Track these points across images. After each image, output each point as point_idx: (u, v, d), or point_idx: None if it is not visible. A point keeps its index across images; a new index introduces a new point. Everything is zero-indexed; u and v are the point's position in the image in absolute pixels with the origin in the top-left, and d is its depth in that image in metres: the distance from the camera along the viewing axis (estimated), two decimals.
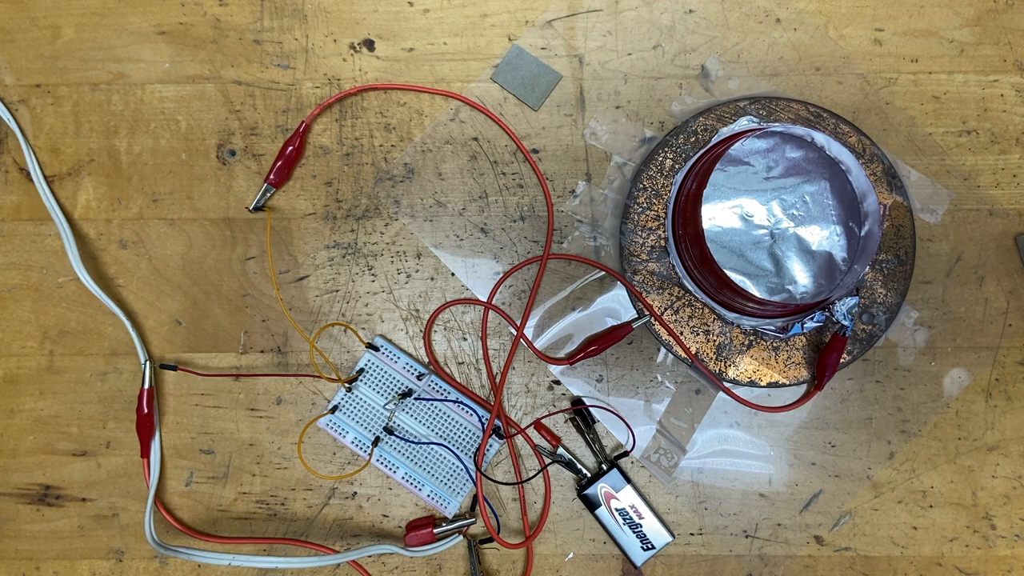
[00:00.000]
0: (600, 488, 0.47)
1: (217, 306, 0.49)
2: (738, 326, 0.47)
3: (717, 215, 0.48)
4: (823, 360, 0.46)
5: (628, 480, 0.47)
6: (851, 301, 0.45)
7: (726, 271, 0.46)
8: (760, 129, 0.45)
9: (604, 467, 0.47)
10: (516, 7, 0.49)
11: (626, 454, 0.48)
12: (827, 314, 0.46)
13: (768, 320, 0.47)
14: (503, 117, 0.49)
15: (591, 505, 0.47)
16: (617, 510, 0.47)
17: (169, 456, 0.49)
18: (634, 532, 0.46)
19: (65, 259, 0.48)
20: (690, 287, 0.48)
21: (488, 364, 0.48)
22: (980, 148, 0.49)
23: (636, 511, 0.47)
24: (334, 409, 0.48)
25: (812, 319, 0.47)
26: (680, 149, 0.48)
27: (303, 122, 0.48)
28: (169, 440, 0.49)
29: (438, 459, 0.48)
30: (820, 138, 0.45)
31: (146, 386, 0.48)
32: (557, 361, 0.48)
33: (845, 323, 0.45)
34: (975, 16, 0.49)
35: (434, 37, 0.50)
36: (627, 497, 0.47)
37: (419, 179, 0.49)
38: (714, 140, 0.48)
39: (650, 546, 0.46)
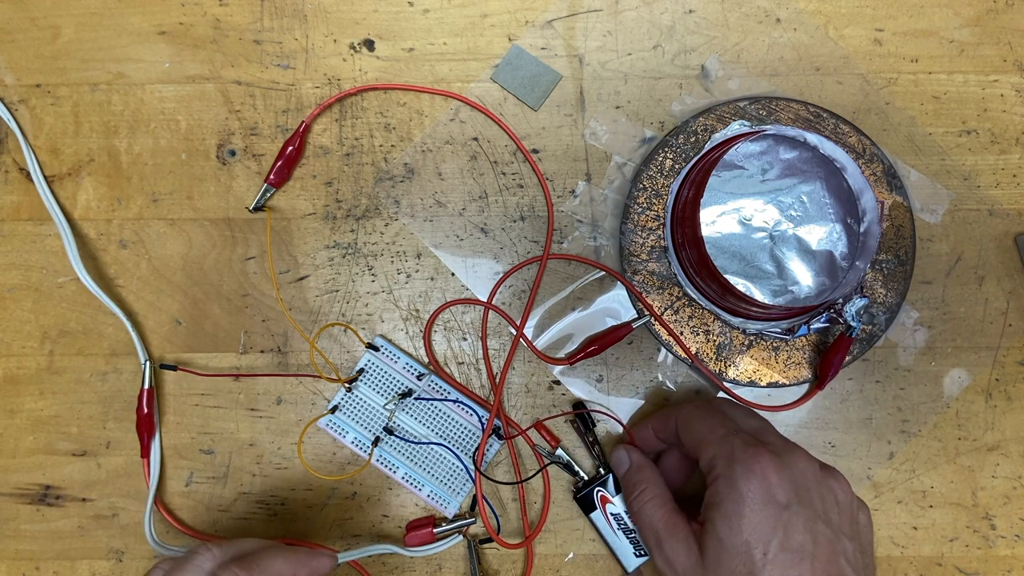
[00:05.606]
0: (596, 492, 0.47)
1: (217, 306, 0.49)
2: (743, 330, 0.47)
3: (715, 221, 0.48)
4: (827, 360, 0.46)
5: None
6: (860, 303, 0.45)
7: (728, 276, 0.46)
8: (754, 133, 0.45)
9: (602, 470, 0.47)
10: (516, 7, 0.49)
11: None
12: (833, 314, 0.46)
13: (773, 323, 0.47)
14: (503, 117, 0.49)
15: (587, 508, 0.47)
16: (612, 514, 0.46)
17: (169, 456, 0.49)
18: (628, 537, 0.46)
19: (65, 259, 0.48)
20: (692, 294, 0.48)
21: (488, 364, 0.48)
22: (980, 148, 0.49)
23: None
24: (334, 409, 0.48)
25: (818, 320, 0.47)
26: (680, 149, 0.48)
27: (303, 122, 0.48)
28: (169, 440, 0.49)
29: (438, 459, 0.48)
30: (812, 138, 0.45)
31: (146, 386, 0.48)
32: (557, 361, 0.48)
33: (853, 324, 0.45)
34: (975, 16, 0.49)
35: (434, 37, 0.50)
36: (623, 502, 0.47)
37: (419, 179, 0.49)
38: (707, 146, 0.48)
39: (643, 552, 0.46)
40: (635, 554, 0.46)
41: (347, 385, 0.48)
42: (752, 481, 0.37)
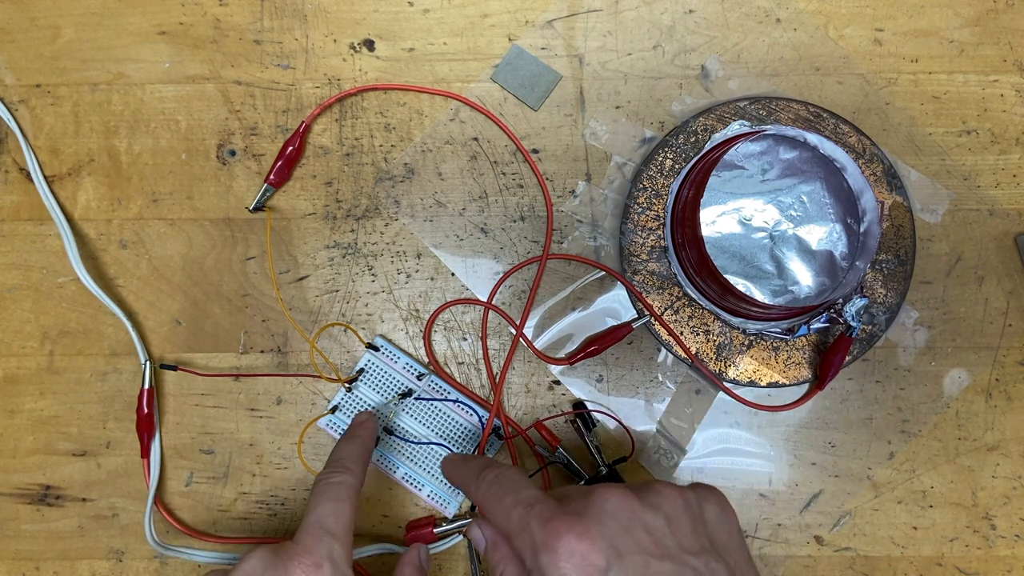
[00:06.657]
0: None
1: (217, 306, 0.49)
2: (743, 330, 0.47)
3: (715, 221, 0.48)
4: (827, 360, 0.46)
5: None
6: (860, 303, 0.45)
7: (728, 276, 0.46)
8: (754, 133, 0.45)
9: (602, 471, 0.47)
10: (516, 7, 0.49)
11: (625, 459, 0.48)
12: (833, 314, 0.46)
13: (773, 323, 0.47)
14: (503, 117, 0.49)
15: None
16: None
17: (169, 456, 0.49)
18: None
19: (65, 259, 0.48)
20: (692, 294, 0.48)
21: (488, 364, 0.48)
22: (980, 148, 0.49)
23: None
24: (334, 409, 0.48)
25: (819, 320, 0.47)
26: (680, 149, 0.48)
27: (303, 122, 0.48)
28: (169, 440, 0.49)
29: (438, 459, 0.48)
30: (812, 138, 0.45)
31: (146, 386, 0.48)
32: (557, 361, 0.48)
33: (853, 324, 0.45)
34: (975, 16, 0.49)
35: (434, 37, 0.50)
36: None
37: (419, 179, 0.49)
38: (707, 146, 0.48)
39: None
40: None
41: (347, 385, 0.48)
42: (560, 564, 0.32)
